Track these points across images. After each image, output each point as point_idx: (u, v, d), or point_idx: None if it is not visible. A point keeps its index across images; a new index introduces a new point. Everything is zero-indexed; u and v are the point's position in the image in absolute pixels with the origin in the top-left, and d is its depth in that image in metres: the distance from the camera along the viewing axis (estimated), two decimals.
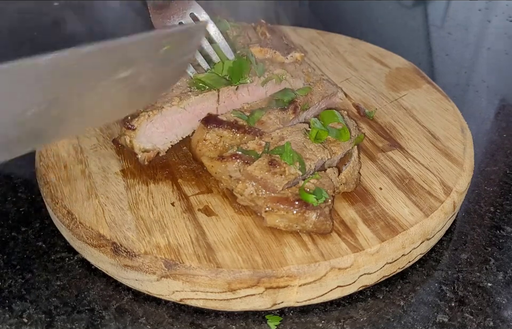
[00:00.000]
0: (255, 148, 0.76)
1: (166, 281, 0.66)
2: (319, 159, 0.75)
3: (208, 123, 0.78)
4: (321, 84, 0.89)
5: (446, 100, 0.99)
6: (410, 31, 1.51)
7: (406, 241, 0.71)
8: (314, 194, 0.70)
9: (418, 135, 0.90)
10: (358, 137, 0.84)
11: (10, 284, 0.71)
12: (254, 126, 0.79)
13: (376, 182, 0.80)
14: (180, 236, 0.70)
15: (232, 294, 0.65)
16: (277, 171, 0.72)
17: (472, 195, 0.89)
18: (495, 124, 1.09)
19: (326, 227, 0.70)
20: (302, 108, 0.83)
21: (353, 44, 1.18)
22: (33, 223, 0.80)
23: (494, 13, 1.61)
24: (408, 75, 1.07)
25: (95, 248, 0.69)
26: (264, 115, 0.81)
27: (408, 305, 0.70)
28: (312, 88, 0.88)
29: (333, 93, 0.89)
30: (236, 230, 0.71)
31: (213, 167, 0.76)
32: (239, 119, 0.80)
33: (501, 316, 0.70)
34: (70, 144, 0.85)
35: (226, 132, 0.78)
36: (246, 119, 0.80)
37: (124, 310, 0.68)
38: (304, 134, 0.79)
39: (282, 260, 0.66)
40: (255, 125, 0.80)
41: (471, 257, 0.78)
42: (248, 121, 0.79)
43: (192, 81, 0.83)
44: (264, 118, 0.81)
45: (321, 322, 0.68)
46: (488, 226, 0.83)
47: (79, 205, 0.74)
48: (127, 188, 0.77)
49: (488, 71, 1.30)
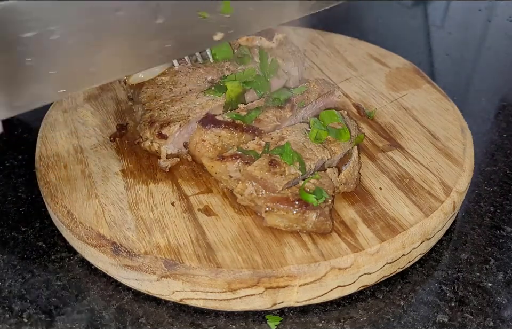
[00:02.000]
0: (255, 148, 0.76)
1: (166, 281, 0.66)
2: (319, 159, 0.75)
3: (206, 124, 0.79)
4: (317, 83, 0.90)
5: (446, 100, 0.99)
6: (410, 31, 1.51)
7: (406, 241, 0.71)
8: (314, 194, 0.70)
9: (418, 135, 0.90)
10: (358, 137, 0.84)
11: (10, 284, 0.71)
12: (252, 125, 0.79)
13: (376, 182, 0.80)
14: (180, 236, 0.70)
15: (232, 294, 0.65)
16: (277, 171, 0.72)
17: (472, 195, 0.89)
18: (495, 124, 1.09)
19: (326, 227, 0.70)
20: (299, 105, 0.84)
21: (353, 44, 1.18)
22: (33, 223, 0.80)
23: (494, 13, 1.61)
24: (408, 75, 1.07)
25: (95, 248, 0.69)
26: (261, 113, 0.81)
27: (408, 305, 0.70)
28: (309, 86, 0.88)
29: (329, 92, 0.90)
30: (235, 230, 0.71)
31: (213, 168, 0.76)
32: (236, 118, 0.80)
33: (501, 316, 0.70)
34: (70, 144, 0.85)
35: (224, 132, 0.78)
36: (243, 118, 0.80)
37: (124, 310, 0.68)
38: (304, 134, 0.79)
39: (282, 260, 0.66)
40: (252, 124, 0.80)
41: (471, 257, 0.78)
42: (245, 120, 0.79)
43: (211, 89, 0.85)
44: (261, 116, 0.81)
45: (321, 322, 0.68)
46: (488, 226, 0.83)
47: (79, 205, 0.74)
48: (127, 188, 0.77)
49: (488, 71, 1.30)
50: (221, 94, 0.84)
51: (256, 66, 0.90)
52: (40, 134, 0.88)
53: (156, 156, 0.81)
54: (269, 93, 0.87)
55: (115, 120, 0.91)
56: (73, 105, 0.94)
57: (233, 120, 0.79)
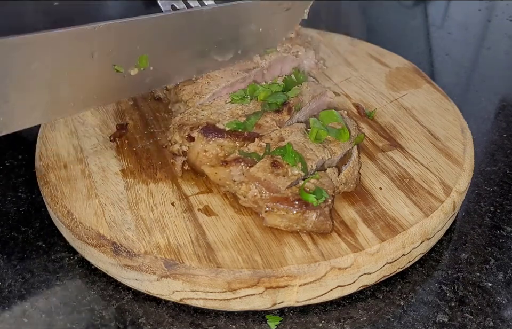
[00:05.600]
0: (256, 150, 0.75)
1: (166, 281, 0.66)
2: (320, 159, 0.75)
3: (208, 134, 0.77)
4: (309, 85, 0.90)
5: (446, 100, 1.00)
6: (410, 31, 1.51)
7: (406, 241, 0.71)
8: (314, 194, 0.70)
9: (418, 135, 0.90)
10: (358, 137, 0.84)
11: (10, 284, 0.71)
12: (253, 132, 0.79)
13: (376, 182, 0.80)
14: (179, 236, 0.70)
15: (232, 294, 0.65)
16: (280, 172, 0.71)
17: (472, 195, 0.89)
18: (495, 124, 1.09)
19: (326, 227, 0.70)
20: (295, 108, 0.84)
21: (353, 44, 1.18)
22: (33, 223, 0.80)
23: (494, 13, 1.61)
24: (408, 74, 1.07)
25: (95, 248, 0.69)
26: (261, 118, 0.81)
27: (408, 305, 0.70)
28: (301, 88, 0.88)
29: (321, 93, 0.90)
30: (235, 230, 0.71)
31: (217, 174, 0.75)
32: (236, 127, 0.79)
33: (501, 316, 0.70)
34: (70, 144, 0.85)
35: (227, 141, 0.78)
36: (242, 125, 0.79)
37: (124, 310, 0.68)
38: (303, 134, 0.79)
39: (282, 260, 0.66)
40: (253, 130, 0.79)
41: (471, 257, 0.78)
42: (246, 127, 0.79)
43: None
44: (261, 121, 0.81)
45: (321, 322, 0.68)
46: (488, 226, 0.83)
47: (79, 205, 0.74)
48: (127, 188, 0.77)
49: (488, 71, 1.30)
50: (249, 101, 0.84)
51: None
52: (40, 134, 0.88)
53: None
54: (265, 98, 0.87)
55: (115, 120, 0.91)
56: None
57: (235, 130, 0.78)
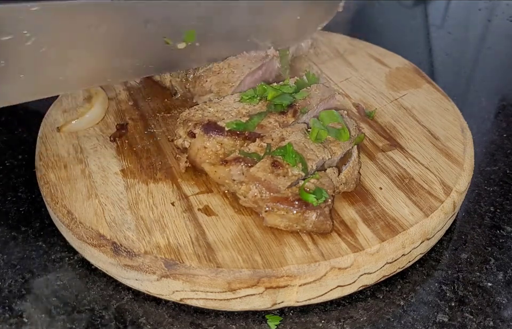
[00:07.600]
0: (257, 150, 0.75)
1: (166, 281, 0.66)
2: (320, 159, 0.75)
3: (208, 131, 0.77)
4: (318, 87, 0.89)
5: (446, 100, 0.99)
6: (410, 31, 1.51)
7: (406, 241, 0.71)
8: (314, 194, 0.70)
9: (418, 135, 0.90)
10: (358, 137, 0.84)
11: (10, 284, 0.71)
12: (255, 131, 0.79)
13: (376, 182, 0.80)
14: (179, 236, 0.70)
15: (232, 294, 0.65)
16: (280, 173, 0.71)
17: (472, 195, 0.89)
18: (495, 124, 1.09)
19: (326, 227, 0.70)
20: (301, 111, 0.83)
21: (353, 44, 1.18)
22: (33, 223, 0.80)
23: (494, 13, 1.61)
24: (408, 74, 1.07)
25: (95, 248, 0.69)
26: (264, 119, 0.80)
27: (408, 305, 0.70)
28: (310, 91, 0.88)
29: (330, 96, 0.90)
30: (235, 230, 0.71)
31: (216, 173, 0.75)
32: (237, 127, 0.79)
33: (501, 316, 0.70)
34: (70, 144, 0.85)
35: (227, 139, 0.78)
36: (243, 126, 0.79)
37: (124, 310, 0.68)
38: (304, 134, 0.78)
39: (282, 260, 0.66)
40: (255, 130, 0.79)
41: (471, 257, 0.78)
42: (248, 126, 0.79)
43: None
44: (264, 122, 0.80)
45: (321, 322, 0.68)
46: (488, 226, 0.83)
47: (79, 205, 0.74)
48: (127, 188, 0.77)
49: (488, 71, 1.30)
50: (257, 101, 0.84)
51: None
52: (40, 134, 0.88)
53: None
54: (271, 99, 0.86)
55: (115, 120, 0.91)
56: (73, 105, 0.94)
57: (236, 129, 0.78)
